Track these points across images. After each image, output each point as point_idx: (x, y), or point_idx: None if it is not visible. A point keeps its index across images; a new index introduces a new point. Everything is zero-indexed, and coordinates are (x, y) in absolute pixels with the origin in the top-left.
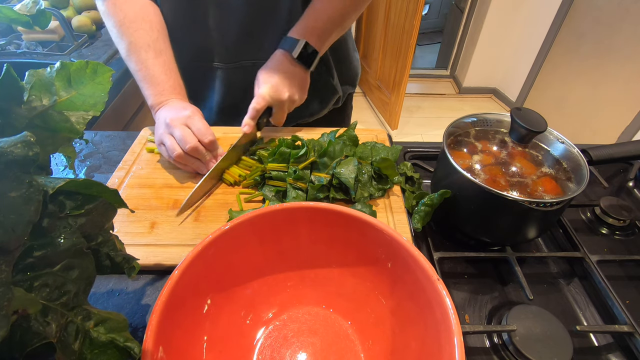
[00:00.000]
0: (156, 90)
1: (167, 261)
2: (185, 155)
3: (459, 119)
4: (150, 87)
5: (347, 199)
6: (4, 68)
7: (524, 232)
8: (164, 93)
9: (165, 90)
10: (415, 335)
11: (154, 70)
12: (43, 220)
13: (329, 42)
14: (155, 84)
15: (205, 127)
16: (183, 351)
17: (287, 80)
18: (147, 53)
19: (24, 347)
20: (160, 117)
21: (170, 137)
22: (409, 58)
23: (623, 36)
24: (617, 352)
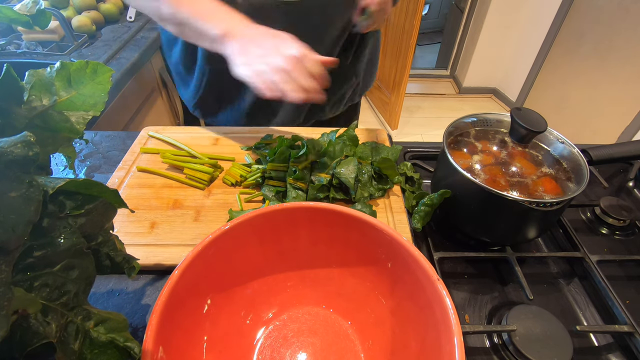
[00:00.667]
0: (224, 15)
1: (167, 261)
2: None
3: (459, 119)
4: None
5: (347, 199)
6: (4, 68)
7: (524, 232)
8: (233, 18)
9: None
10: (415, 335)
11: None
12: (43, 220)
13: None
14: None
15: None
16: (183, 351)
17: None
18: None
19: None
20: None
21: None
22: (409, 58)
23: (623, 36)
24: (617, 352)
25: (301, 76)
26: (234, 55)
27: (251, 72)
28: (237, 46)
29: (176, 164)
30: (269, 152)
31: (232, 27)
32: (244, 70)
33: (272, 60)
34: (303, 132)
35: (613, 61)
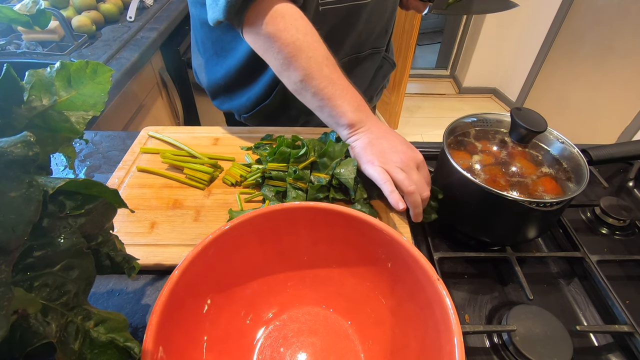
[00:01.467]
0: (354, 103)
1: (167, 261)
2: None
3: (459, 119)
4: (346, 102)
5: (347, 199)
6: (4, 68)
7: (524, 232)
8: (362, 108)
9: (362, 105)
10: (415, 335)
11: (343, 81)
12: (43, 220)
13: None
14: (351, 96)
15: (429, 177)
16: (183, 351)
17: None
18: (330, 65)
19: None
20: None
21: (405, 174)
22: (409, 58)
23: (623, 36)
24: (617, 352)
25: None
26: (360, 147)
27: (381, 175)
28: (365, 138)
29: (176, 164)
30: (269, 152)
31: (361, 119)
32: (373, 169)
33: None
34: (303, 132)
35: (613, 61)
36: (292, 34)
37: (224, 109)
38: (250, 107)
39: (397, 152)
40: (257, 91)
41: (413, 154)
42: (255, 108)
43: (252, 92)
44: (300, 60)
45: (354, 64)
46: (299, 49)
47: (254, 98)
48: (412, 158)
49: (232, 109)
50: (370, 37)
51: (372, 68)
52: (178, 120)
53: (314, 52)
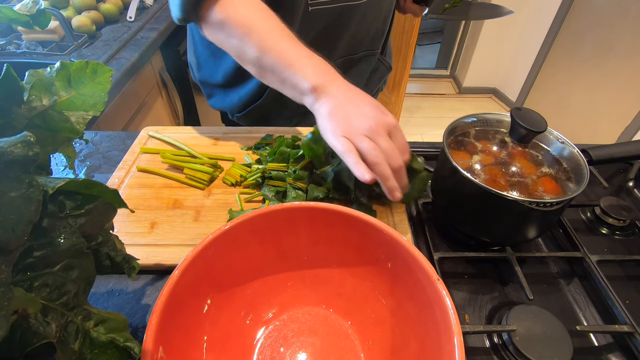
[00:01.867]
0: (315, 67)
1: (167, 261)
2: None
3: (459, 119)
4: (305, 67)
5: (347, 199)
6: (4, 68)
7: (524, 232)
8: (325, 71)
9: (325, 67)
10: (415, 335)
11: (302, 48)
12: (43, 220)
13: None
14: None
15: (405, 144)
16: (183, 351)
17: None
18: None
19: (24, 347)
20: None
21: (371, 143)
22: (409, 58)
23: (623, 36)
24: (617, 352)
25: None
26: (323, 115)
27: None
28: (328, 105)
29: (176, 164)
30: (269, 152)
31: (323, 81)
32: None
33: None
34: (303, 132)
35: (613, 61)
36: (241, 13)
37: (217, 108)
38: (242, 106)
39: (364, 117)
40: (249, 91)
41: (384, 119)
42: (247, 108)
43: (244, 92)
44: (253, 36)
45: (348, 66)
46: (250, 26)
47: (245, 98)
48: (381, 123)
49: (225, 108)
50: (364, 38)
51: (366, 70)
52: (178, 120)
53: (266, 25)
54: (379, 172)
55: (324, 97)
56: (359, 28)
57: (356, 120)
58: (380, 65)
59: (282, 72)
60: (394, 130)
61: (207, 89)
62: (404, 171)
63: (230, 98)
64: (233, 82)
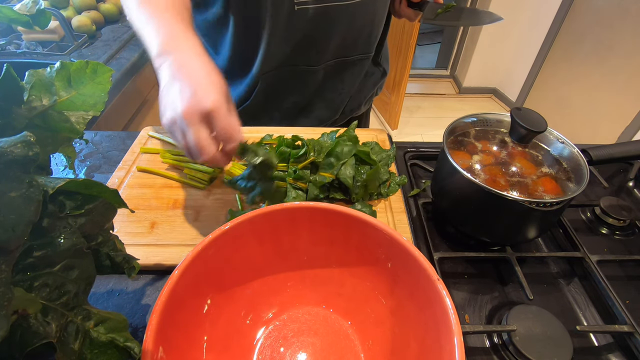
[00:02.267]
0: (164, 35)
1: (167, 261)
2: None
3: (459, 119)
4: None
5: (347, 199)
6: (4, 68)
7: (524, 232)
8: (174, 39)
9: (175, 36)
10: (415, 335)
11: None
12: (43, 220)
13: None
14: (165, 26)
15: (232, 127)
16: (183, 351)
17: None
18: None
19: (24, 347)
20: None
21: (180, 134)
22: (409, 58)
23: (623, 36)
24: (617, 352)
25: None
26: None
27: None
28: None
29: (176, 164)
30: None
31: (168, 48)
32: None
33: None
34: (303, 132)
35: (613, 61)
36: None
37: None
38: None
39: (176, 103)
40: (239, 91)
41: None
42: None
43: (235, 92)
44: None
45: (341, 68)
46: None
47: (234, 99)
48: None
49: None
50: (357, 41)
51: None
52: None
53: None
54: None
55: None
56: (349, 30)
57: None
58: (376, 70)
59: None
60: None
61: None
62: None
63: None
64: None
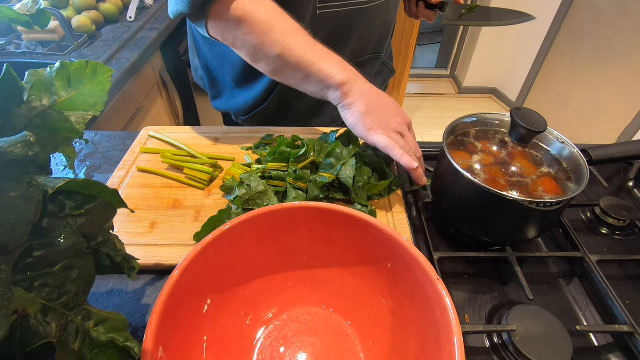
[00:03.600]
0: (340, 65)
1: (167, 261)
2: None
3: (459, 119)
4: (330, 64)
5: (347, 199)
6: (4, 68)
7: (524, 232)
8: (348, 68)
9: (348, 66)
10: (415, 335)
11: (322, 47)
12: (43, 220)
13: None
14: (334, 59)
15: (416, 146)
16: (183, 351)
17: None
18: (306, 35)
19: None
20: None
21: (402, 138)
22: (409, 58)
23: (623, 36)
24: (617, 352)
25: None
26: (357, 113)
27: (388, 141)
28: (360, 102)
29: (176, 164)
30: (269, 152)
31: (350, 77)
32: (378, 138)
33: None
34: (303, 132)
35: (613, 61)
36: (262, 12)
37: (222, 109)
38: (247, 109)
39: (393, 117)
40: (256, 94)
41: (405, 116)
42: (252, 111)
43: (251, 95)
44: (274, 35)
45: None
46: (271, 25)
47: (251, 101)
48: (405, 121)
49: (229, 110)
50: (370, 42)
51: (370, 73)
52: (178, 120)
53: (286, 26)
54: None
55: (352, 94)
56: (365, 31)
57: (388, 119)
58: (384, 69)
59: (306, 69)
60: (410, 125)
61: (215, 90)
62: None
63: (236, 100)
64: (242, 83)
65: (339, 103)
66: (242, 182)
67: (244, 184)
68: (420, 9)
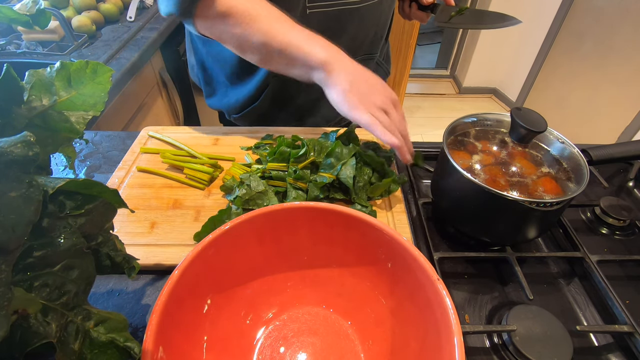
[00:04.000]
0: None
1: (167, 261)
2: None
3: (459, 119)
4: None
5: (347, 199)
6: (4, 68)
7: (524, 232)
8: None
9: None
10: (415, 335)
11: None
12: (43, 220)
13: None
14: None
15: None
16: (183, 351)
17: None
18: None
19: (24, 347)
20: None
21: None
22: (409, 58)
23: (623, 36)
24: (617, 352)
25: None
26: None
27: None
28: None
29: (176, 164)
30: (269, 152)
31: (331, 56)
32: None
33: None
34: (303, 132)
35: (613, 61)
36: (244, 4)
37: (215, 107)
38: (239, 108)
39: (377, 93)
40: (248, 92)
41: (390, 93)
42: (244, 109)
43: (242, 94)
44: (258, 24)
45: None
46: (254, 16)
47: (243, 100)
48: (389, 97)
49: (222, 108)
50: (364, 42)
51: None
52: (178, 120)
53: (269, 13)
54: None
55: (335, 72)
56: (358, 31)
57: (372, 96)
58: (379, 70)
59: (290, 52)
60: (396, 102)
61: (209, 87)
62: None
63: (229, 98)
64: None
65: (324, 83)
66: (242, 182)
67: (244, 184)
68: (413, 9)
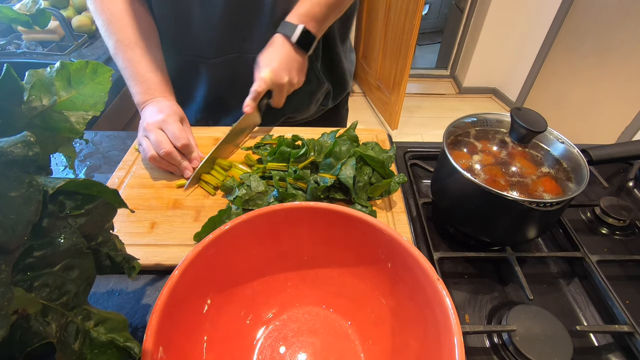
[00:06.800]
0: (142, 88)
1: (167, 261)
2: (160, 159)
3: (459, 119)
4: (136, 85)
5: (347, 199)
6: (4, 68)
7: (524, 232)
8: (149, 92)
9: (151, 89)
10: (415, 335)
11: (140, 67)
12: (43, 220)
13: (326, 25)
14: (141, 82)
15: (179, 131)
16: (183, 351)
17: (287, 64)
18: (134, 51)
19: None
20: (142, 118)
21: (146, 140)
22: (409, 58)
23: (623, 36)
24: (617, 352)
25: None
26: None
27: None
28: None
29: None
30: (269, 152)
31: (145, 101)
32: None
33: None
34: (303, 132)
35: (613, 61)
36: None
37: None
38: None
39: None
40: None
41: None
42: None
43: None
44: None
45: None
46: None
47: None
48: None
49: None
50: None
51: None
52: None
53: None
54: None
55: (142, 111)
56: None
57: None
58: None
59: (126, 79)
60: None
61: None
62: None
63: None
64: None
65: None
66: (242, 182)
67: (244, 184)
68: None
